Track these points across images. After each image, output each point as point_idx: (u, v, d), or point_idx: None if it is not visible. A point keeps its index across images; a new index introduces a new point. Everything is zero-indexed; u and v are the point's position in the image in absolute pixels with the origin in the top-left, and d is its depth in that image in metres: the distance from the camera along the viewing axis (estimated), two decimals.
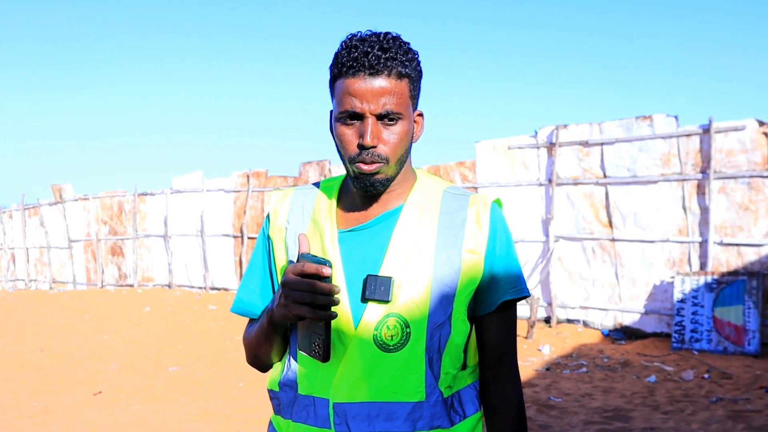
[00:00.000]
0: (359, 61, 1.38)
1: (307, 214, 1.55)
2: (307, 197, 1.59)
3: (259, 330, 1.52)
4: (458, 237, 1.46)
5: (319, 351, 1.36)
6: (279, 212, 1.59)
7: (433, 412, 1.43)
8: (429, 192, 1.52)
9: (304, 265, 1.31)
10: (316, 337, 1.36)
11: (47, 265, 18.99)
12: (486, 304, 1.49)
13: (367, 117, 1.39)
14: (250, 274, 1.63)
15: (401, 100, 1.41)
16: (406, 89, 1.43)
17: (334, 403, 1.42)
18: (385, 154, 1.41)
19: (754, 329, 8.25)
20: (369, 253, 1.46)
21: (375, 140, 1.40)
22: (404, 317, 1.41)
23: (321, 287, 1.30)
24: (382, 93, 1.39)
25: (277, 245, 1.56)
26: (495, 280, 1.48)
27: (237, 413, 6.32)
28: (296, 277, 1.32)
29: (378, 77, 1.39)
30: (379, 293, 1.41)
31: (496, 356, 1.53)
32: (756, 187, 8.63)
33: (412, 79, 1.44)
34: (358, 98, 1.39)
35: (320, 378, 1.44)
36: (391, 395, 1.41)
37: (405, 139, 1.44)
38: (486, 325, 1.52)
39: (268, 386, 1.58)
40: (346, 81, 1.40)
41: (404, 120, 1.43)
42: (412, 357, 1.41)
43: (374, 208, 1.50)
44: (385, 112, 1.39)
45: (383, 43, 1.40)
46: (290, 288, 1.33)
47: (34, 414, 6.41)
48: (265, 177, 14.26)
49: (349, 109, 1.40)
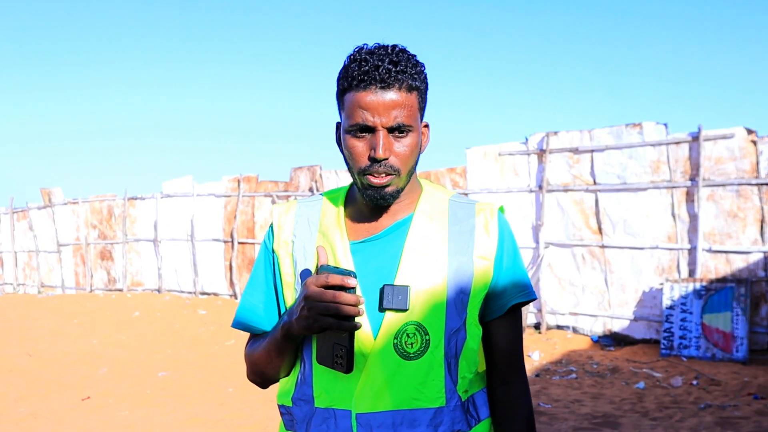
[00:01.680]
0: (370, 74, 1.39)
1: (314, 227, 1.55)
2: (312, 209, 1.59)
3: (271, 345, 1.50)
4: (469, 244, 1.49)
5: (342, 363, 1.36)
6: (284, 226, 1.58)
7: (453, 417, 1.45)
8: (436, 201, 1.54)
9: (328, 277, 1.32)
10: (339, 348, 1.36)
11: (36, 269, 18.89)
12: (495, 308, 1.52)
13: (378, 130, 1.40)
14: (253, 289, 1.61)
15: (411, 113, 1.42)
16: (416, 102, 1.44)
17: (357, 414, 1.42)
18: (397, 166, 1.42)
19: (743, 336, 8.29)
20: (383, 263, 1.47)
21: (387, 152, 1.41)
22: (423, 325, 1.43)
23: (347, 298, 1.31)
24: (393, 106, 1.40)
25: (283, 259, 1.55)
26: (504, 286, 1.51)
27: (226, 419, 6.30)
28: (320, 289, 1.32)
29: (389, 90, 1.40)
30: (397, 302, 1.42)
31: (505, 360, 1.55)
32: (744, 195, 8.68)
33: (421, 92, 1.46)
34: (369, 111, 1.40)
35: (340, 389, 1.44)
36: (414, 402, 1.42)
37: (415, 150, 1.45)
38: (494, 329, 1.54)
39: (279, 401, 1.56)
40: (357, 94, 1.41)
41: (414, 132, 1.44)
42: (433, 363, 1.43)
43: (384, 219, 1.51)
44: (397, 125, 1.40)
45: (393, 56, 1.41)
46: (314, 300, 1.33)
47: (22, 419, 6.37)
48: (256, 182, 14.24)
49: (361, 122, 1.40)
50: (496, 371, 1.56)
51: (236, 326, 1.62)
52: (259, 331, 1.60)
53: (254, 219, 14.11)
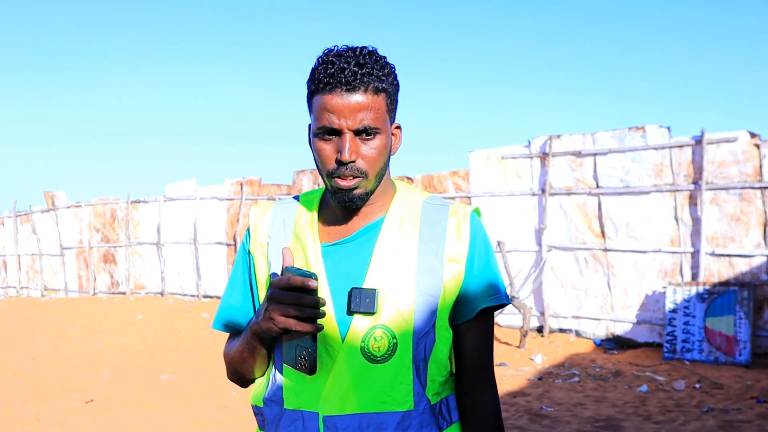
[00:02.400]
0: (336, 77, 1.39)
1: (288, 229, 1.56)
2: (288, 211, 1.59)
3: (243, 344, 1.51)
4: (439, 247, 1.47)
5: (306, 364, 1.37)
6: (259, 227, 1.60)
7: (422, 420, 1.44)
8: (409, 203, 1.53)
9: (289, 278, 1.32)
10: (302, 350, 1.37)
11: (39, 272, 18.92)
12: (465, 312, 1.50)
13: (344, 133, 1.40)
14: (231, 290, 1.62)
15: (378, 115, 1.42)
16: (383, 104, 1.44)
17: (324, 417, 1.42)
18: (364, 169, 1.42)
19: (745, 339, 8.28)
20: (353, 266, 1.47)
21: (353, 155, 1.40)
22: (390, 328, 1.42)
23: (307, 299, 1.31)
24: (359, 109, 1.39)
25: (258, 260, 1.56)
26: (474, 289, 1.49)
27: (229, 421, 6.31)
28: (282, 290, 1.33)
29: (355, 93, 1.39)
30: (365, 305, 1.41)
31: (474, 364, 1.53)
32: (747, 199, 8.68)
33: (389, 94, 1.45)
34: (335, 114, 1.39)
35: (308, 391, 1.44)
36: (381, 405, 1.42)
37: (383, 153, 1.45)
38: (464, 333, 1.52)
39: (252, 402, 1.57)
40: (323, 97, 1.41)
41: (382, 134, 1.44)
42: (400, 367, 1.42)
43: (356, 221, 1.51)
44: (363, 128, 1.40)
45: (359, 59, 1.41)
46: (276, 301, 1.34)
47: (26, 422, 6.38)
48: (259, 185, 14.26)
49: (327, 125, 1.40)
50: (463, 376, 1.54)
51: (216, 326, 1.63)
52: (237, 331, 1.61)
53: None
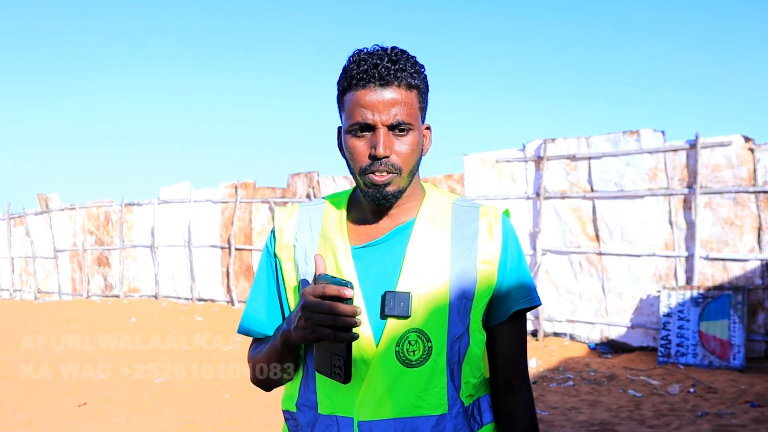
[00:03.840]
0: (369, 72, 1.39)
1: (315, 231, 1.54)
2: (314, 213, 1.57)
3: (271, 350, 1.50)
4: (472, 249, 1.47)
5: (340, 372, 1.34)
6: (285, 230, 1.57)
7: (456, 423, 1.44)
8: (439, 205, 1.52)
9: (324, 287, 1.30)
10: (337, 358, 1.34)
11: (32, 275, 18.85)
12: (498, 313, 1.50)
13: (378, 128, 1.40)
14: (256, 294, 1.60)
15: (411, 111, 1.42)
16: (416, 100, 1.43)
17: (359, 422, 1.41)
18: (398, 164, 1.41)
19: (740, 344, 8.29)
20: (384, 269, 1.45)
21: (387, 150, 1.40)
22: (425, 331, 1.41)
23: (343, 309, 1.29)
24: (393, 103, 1.39)
25: (285, 264, 1.55)
26: (508, 290, 1.49)
27: (223, 425, 6.29)
28: (317, 300, 1.31)
29: (388, 88, 1.39)
30: (399, 309, 1.40)
31: (509, 366, 1.54)
32: (742, 203, 8.70)
33: (421, 91, 1.45)
34: (369, 109, 1.39)
35: (342, 397, 1.43)
36: (416, 410, 1.41)
37: (416, 149, 1.44)
38: (498, 335, 1.52)
39: (284, 407, 1.56)
40: (357, 93, 1.40)
41: (415, 131, 1.43)
42: (435, 371, 1.42)
43: (386, 223, 1.50)
44: (396, 123, 1.40)
45: (392, 56, 1.41)
46: (311, 311, 1.32)
47: (18, 425, 6.35)
48: (253, 188, 14.24)
49: (361, 120, 1.40)
50: (499, 377, 1.54)
51: (241, 332, 1.62)
52: (262, 336, 1.59)
53: (251, 225, 14.10)
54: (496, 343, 1.53)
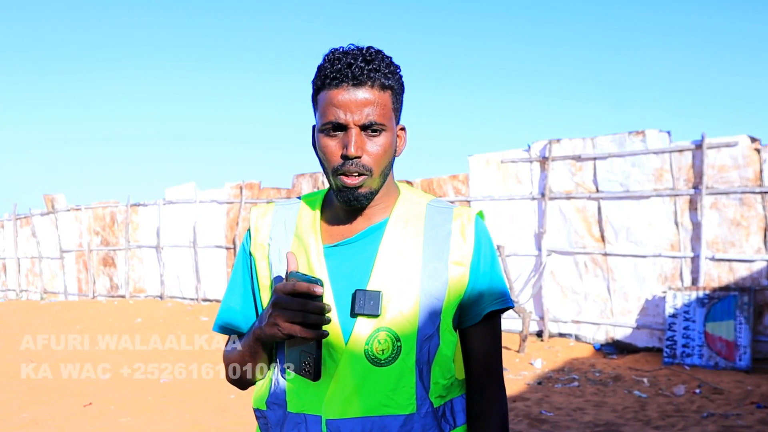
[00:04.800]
0: (343, 72, 1.39)
1: (290, 230, 1.55)
2: (289, 212, 1.58)
3: (244, 348, 1.51)
4: (444, 249, 1.46)
5: (310, 370, 1.35)
6: (260, 228, 1.59)
7: (424, 423, 1.43)
8: (413, 205, 1.52)
9: (294, 284, 1.31)
10: (306, 355, 1.35)
11: (38, 275, 18.91)
12: (471, 315, 1.50)
13: (350, 128, 1.39)
14: (231, 292, 1.61)
15: (384, 112, 1.41)
16: (389, 101, 1.43)
17: (327, 420, 1.41)
18: (369, 165, 1.41)
19: (746, 344, 8.27)
20: (356, 268, 1.45)
21: (359, 150, 1.39)
22: (394, 331, 1.41)
23: (313, 306, 1.30)
24: (365, 103, 1.39)
25: (259, 262, 1.55)
26: (480, 292, 1.49)
27: (228, 426, 6.30)
28: (287, 296, 1.32)
29: (361, 88, 1.39)
30: (369, 308, 1.40)
31: (482, 367, 1.53)
32: (748, 203, 8.67)
33: (395, 92, 1.45)
34: (342, 109, 1.39)
35: (311, 395, 1.43)
36: (384, 409, 1.41)
37: (389, 150, 1.44)
38: (471, 336, 1.52)
39: (254, 405, 1.55)
40: (330, 92, 1.40)
41: (387, 132, 1.43)
42: (403, 370, 1.42)
43: (359, 222, 1.50)
44: (369, 123, 1.39)
45: (366, 56, 1.41)
46: (281, 307, 1.33)
47: (24, 425, 6.37)
48: (258, 188, 14.26)
49: (333, 120, 1.40)
50: (472, 378, 1.54)
51: (216, 329, 1.62)
52: (238, 333, 1.59)
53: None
54: (469, 345, 1.52)
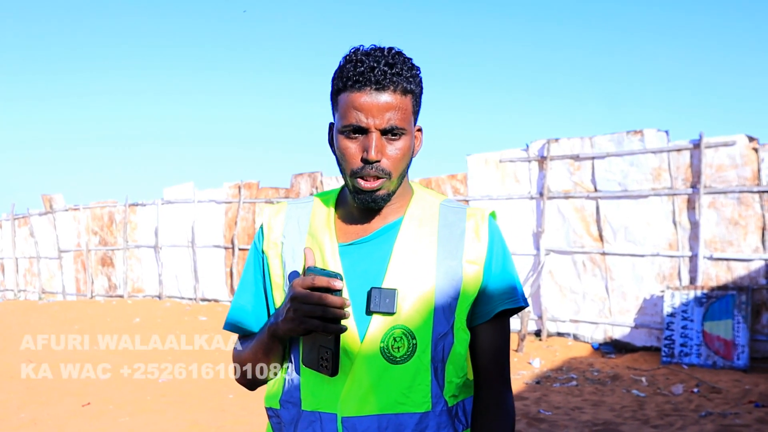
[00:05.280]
0: (365, 75, 1.39)
1: (303, 228, 1.54)
2: (302, 211, 1.58)
3: (258, 346, 1.50)
4: (458, 248, 1.47)
5: (328, 365, 1.35)
6: (273, 227, 1.58)
7: (439, 422, 1.44)
8: (427, 205, 1.53)
9: (314, 278, 1.31)
10: (324, 351, 1.35)
11: (37, 275, 18.89)
12: (482, 313, 1.50)
13: (371, 132, 1.40)
14: (242, 290, 1.61)
15: (405, 116, 1.42)
16: (410, 105, 1.44)
17: (342, 418, 1.41)
18: (388, 169, 1.42)
19: (744, 344, 8.28)
20: (371, 266, 1.46)
21: (379, 155, 1.40)
22: (410, 328, 1.42)
23: (332, 300, 1.30)
24: (387, 108, 1.39)
25: (272, 260, 1.55)
26: (493, 291, 1.49)
27: (227, 425, 6.30)
28: (306, 291, 1.32)
29: (384, 92, 1.39)
30: (385, 305, 1.40)
31: (490, 365, 1.53)
32: (746, 203, 8.68)
33: (416, 95, 1.45)
34: (363, 113, 1.39)
35: (326, 393, 1.43)
36: (399, 407, 1.41)
37: (407, 154, 1.45)
38: (480, 334, 1.52)
39: (267, 404, 1.55)
40: (351, 95, 1.40)
41: (407, 135, 1.44)
42: (419, 368, 1.42)
43: (374, 221, 1.50)
44: (390, 128, 1.40)
45: (389, 59, 1.41)
46: (300, 302, 1.33)
47: (23, 425, 6.37)
48: (257, 188, 14.25)
49: (354, 123, 1.40)
50: (479, 375, 1.54)
51: (227, 328, 1.62)
52: (248, 332, 1.59)
53: (255, 225, 14.11)
54: (478, 343, 1.53)
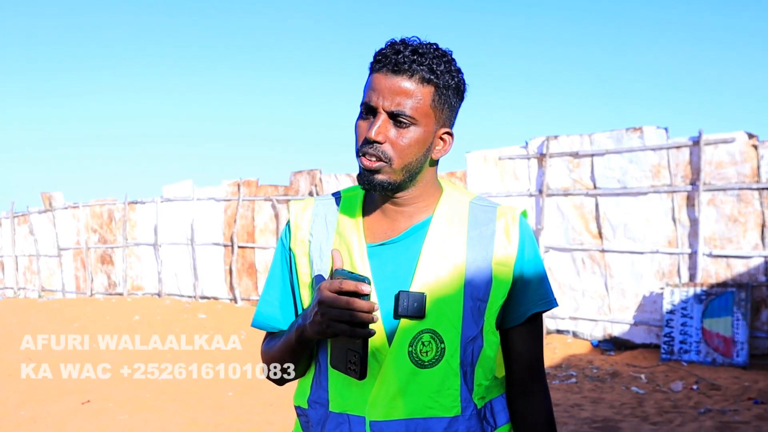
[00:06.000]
0: (389, 58, 1.38)
1: (331, 227, 1.52)
2: (330, 208, 1.55)
3: (284, 346, 1.49)
4: (488, 250, 1.44)
5: (356, 369, 1.33)
6: (300, 224, 1.55)
7: (469, 426, 1.42)
8: (456, 204, 1.50)
9: (342, 283, 1.29)
10: (353, 354, 1.33)
11: (36, 273, 18.88)
12: (514, 316, 1.48)
13: (380, 112, 1.38)
14: (270, 287, 1.59)
15: (419, 106, 1.39)
16: (429, 96, 1.40)
17: (371, 422, 1.39)
18: (389, 154, 1.39)
19: (743, 341, 8.28)
20: (399, 268, 1.43)
21: (380, 136, 1.38)
22: (438, 332, 1.40)
23: (360, 305, 1.28)
24: (399, 92, 1.37)
25: (300, 258, 1.53)
26: (524, 292, 1.47)
27: (226, 423, 6.30)
28: (333, 295, 1.30)
29: (399, 76, 1.38)
30: (413, 309, 1.38)
31: (525, 368, 1.52)
32: (745, 200, 8.68)
33: (439, 89, 1.41)
34: (375, 92, 1.38)
35: (354, 395, 1.42)
36: (428, 411, 1.39)
37: (415, 146, 1.40)
38: (514, 337, 1.50)
39: (296, 402, 1.54)
40: (373, 76, 1.40)
41: (419, 126, 1.40)
42: (448, 372, 1.40)
43: (401, 221, 1.47)
44: (397, 112, 1.37)
45: (419, 48, 1.39)
46: (327, 305, 1.30)
47: (22, 423, 6.37)
48: (256, 186, 14.24)
49: (367, 101, 1.40)
50: (515, 380, 1.52)
51: (255, 325, 1.60)
52: (276, 330, 1.57)
53: (254, 223, 14.11)
54: (512, 346, 1.51)
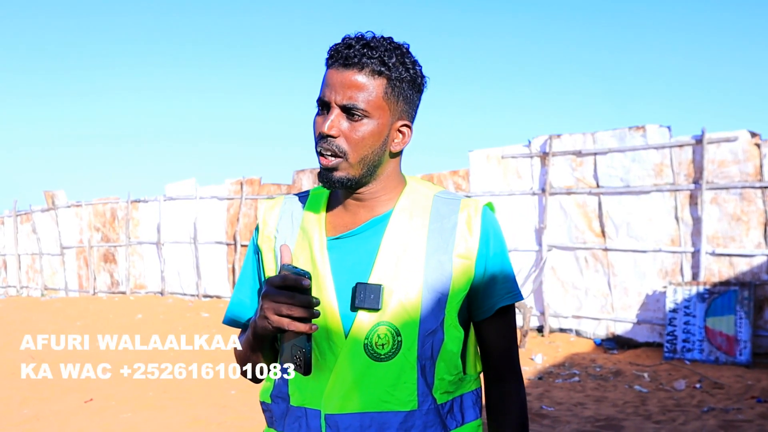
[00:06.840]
0: (339, 52, 1.39)
1: (296, 223, 1.53)
2: (296, 205, 1.56)
3: (246, 342, 1.50)
4: (449, 242, 1.43)
5: (301, 364, 1.32)
6: (268, 221, 1.58)
7: (426, 421, 1.40)
8: (419, 197, 1.49)
9: (283, 277, 1.29)
10: (297, 350, 1.32)
11: (39, 271, 18.91)
12: (482, 309, 1.48)
13: (332, 107, 1.38)
14: (241, 285, 1.61)
15: (370, 98, 1.38)
16: (381, 89, 1.39)
17: (326, 415, 1.39)
18: (343, 147, 1.39)
19: (746, 339, 8.27)
20: (358, 260, 1.43)
21: (333, 130, 1.38)
22: (395, 325, 1.38)
23: (300, 299, 1.27)
24: (350, 86, 1.37)
25: (266, 255, 1.54)
26: (489, 286, 1.46)
27: (228, 421, 6.30)
28: (275, 289, 1.30)
29: (349, 70, 1.38)
30: (369, 301, 1.37)
31: (498, 360, 1.52)
32: (748, 198, 8.66)
33: (392, 81, 1.40)
34: (328, 88, 1.39)
35: (311, 389, 1.41)
36: (383, 405, 1.38)
37: (369, 139, 1.40)
38: (485, 330, 1.50)
39: (261, 398, 1.55)
40: (327, 72, 1.41)
41: (372, 119, 1.40)
42: (404, 365, 1.39)
43: (362, 214, 1.47)
44: (350, 105, 1.37)
45: (371, 42, 1.39)
46: (270, 299, 1.31)
47: (25, 421, 6.37)
48: (259, 184, 14.25)
49: (321, 97, 1.40)
50: (489, 371, 1.54)
51: (226, 322, 1.62)
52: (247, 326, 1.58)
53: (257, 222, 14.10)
54: (483, 339, 1.52)
